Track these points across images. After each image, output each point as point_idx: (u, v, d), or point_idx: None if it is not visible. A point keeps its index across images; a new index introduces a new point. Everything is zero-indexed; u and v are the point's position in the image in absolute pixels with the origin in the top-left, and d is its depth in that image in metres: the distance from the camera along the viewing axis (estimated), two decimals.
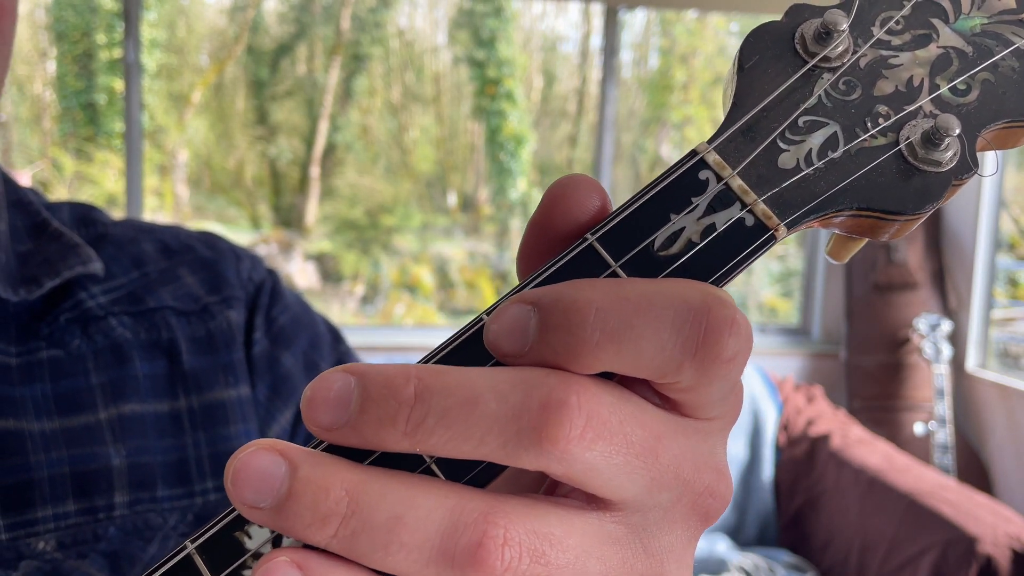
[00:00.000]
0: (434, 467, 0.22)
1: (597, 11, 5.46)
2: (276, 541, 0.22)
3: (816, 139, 0.24)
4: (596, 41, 5.87)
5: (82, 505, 0.46)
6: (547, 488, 0.24)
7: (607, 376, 0.22)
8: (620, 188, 5.10)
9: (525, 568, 0.20)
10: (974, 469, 2.85)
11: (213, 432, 0.51)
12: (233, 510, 0.23)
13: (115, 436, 0.47)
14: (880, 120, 0.24)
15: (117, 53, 4.80)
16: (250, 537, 0.22)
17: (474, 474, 0.22)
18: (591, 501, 0.22)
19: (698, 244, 0.23)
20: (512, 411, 0.20)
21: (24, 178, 4.76)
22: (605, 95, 3.21)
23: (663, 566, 0.23)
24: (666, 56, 5.98)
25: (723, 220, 0.23)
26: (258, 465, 0.21)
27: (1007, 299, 3.36)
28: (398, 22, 5.80)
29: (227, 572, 0.22)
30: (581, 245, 0.24)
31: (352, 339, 0.62)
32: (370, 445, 0.21)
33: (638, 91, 6.01)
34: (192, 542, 0.22)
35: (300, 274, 5.42)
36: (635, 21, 5.79)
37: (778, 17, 0.26)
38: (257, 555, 0.22)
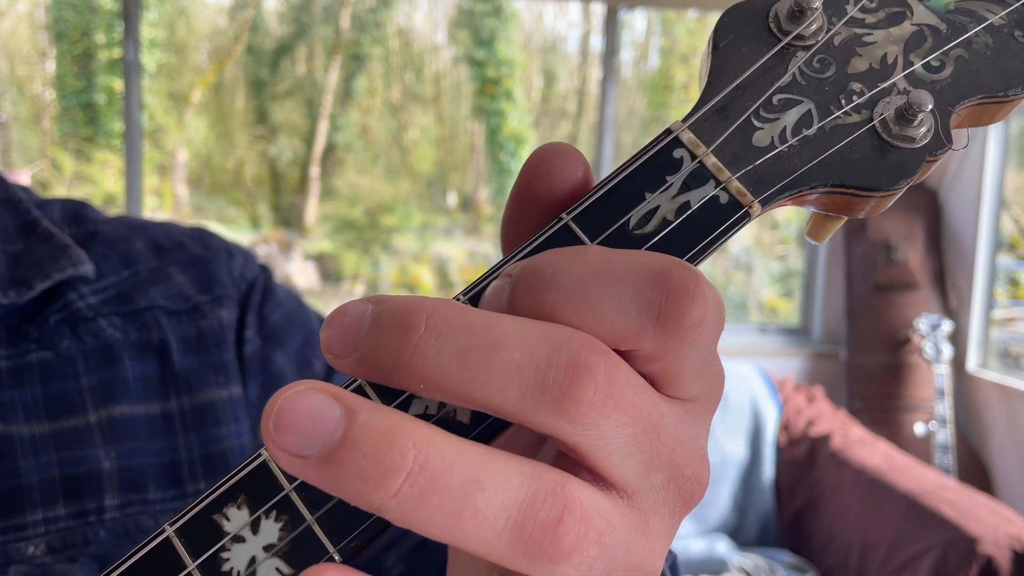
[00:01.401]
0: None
1: (597, 11, 5.47)
2: (254, 526, 0.22)
3: (790, 117, 0.24)
4: (596, 41, 5.87)
5: (72, 509, 0.45)
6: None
7: None
8: None
9: (588, 549, 0.19)
10: (975, 469, 2.85)
11: (204, 433, 0.50)
12: (212, 492, 0.22)
13: (105, 439, 0.47)
14: (854, 97, 0.24)
15: (117, 53, 4.81)
16: (228, 520, 0.22)
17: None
18: (596, 481, 0.21)
19: (673, 222, 0.23)
20: (537, 365, 0.19)
21: (23, 178, 4.77)
22: (605, 95, 3.21)
23: (655, 551, 0.22)
24: (666, 56, 5.99)
25: (697, 198, 0.23)
26: (308, 405, 0.18)
27: (1008, 299, 3.36)
28: (398, 22, 5.81)
29: (206, 555, 0.22)
30: (556, 224, 0.24)
31: None
32: (377, 377, 0.20)
33: (638, 91, 6.01)
34: (171, 525, 0.22)
35: (300, 274, 5.42)
36: (635, 21, 5.79)
37: None
38: (237, 538, 0.22)
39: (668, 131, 0.24)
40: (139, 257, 0.54)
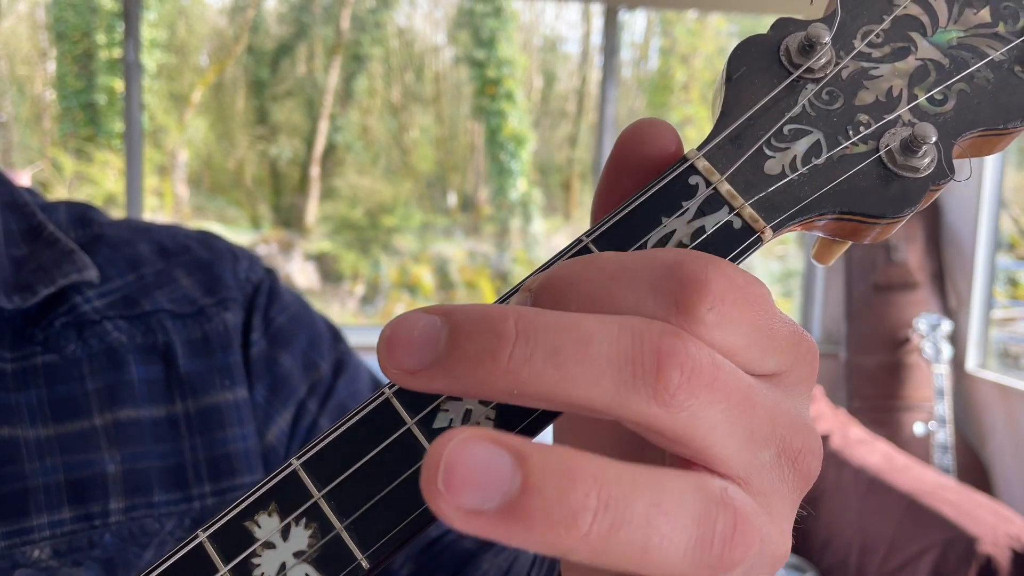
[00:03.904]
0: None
1: (597, 11, 5.47)
2: (285, 532, 0.23)
3: (800, 146, 0.25)
4: (596, 41, 5.87)
5: (77, 512, 0.45)
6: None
7: None
8: None
9: (753, 550, 0.19)
10: (974, 469, 2.86)
11: (209, 436, 0.50)
12: (243, 499, 0.23)
13: (110, 442, 0.47)
14: (861, 128, 0.25)
15: (117, 53, 4.81)
16: (259, 527, 0.23)
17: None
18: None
19: (689, 246, 0.24)
20: (627, 354, 0.19)
21: (24, 178, 4.76)
22: (605, 95, 3.21)
23: (785, 534, 0.22)
24: (666, 56, 5.99)
25: (712, 223, 0.24)
26: (477, 456, 0.17)
27: (1007, 299, 3.36)
28: (398, 22, 5.81)
29: (238, 560, 0.23)
30: (576, 246, 0.25)
31: (352, 339, 0.62)
32: (460, 387, 0.20)
33: (638, 91, 6.01)
34: (204, 531, 0.23)
35: (300, 274, 5.42)
36: (635, 21, 5.80)
37: (778, 16, 0.27)
38: (267, 544, 0.23)
39: (684, 159, 0.25)
40: (144, 260, 0.54)
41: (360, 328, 4.04)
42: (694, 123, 5.69)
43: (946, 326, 2.87)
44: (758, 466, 0.21)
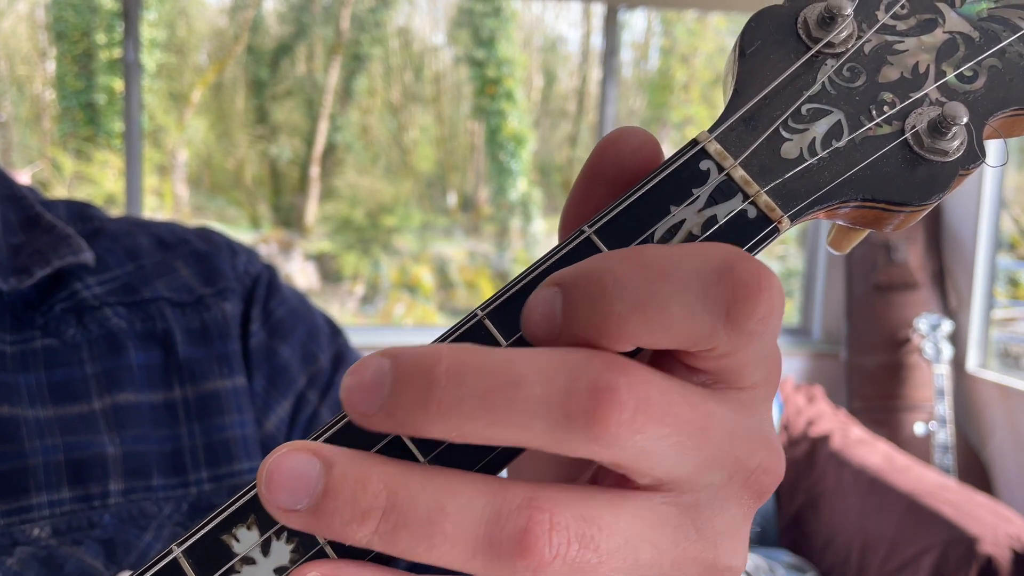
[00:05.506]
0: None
1: (597, 11, 5.46)
2: (265, 547, 0.22)
3: (820, 128, 0.23)
4: (596, 41, 5.87)
5: (77, 492, 0.46)
6: (595, 474, 0.23)
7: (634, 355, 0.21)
8: None
9: (575, 554, 0.20)
10: (974, 469, 2.85)
11: (208, 422, 0.51)
12: (220, 512, 0.22)
13: (110, 425, 0.48)
14: (885, 108, 0.23)
15: (117, 53, 4.80)
16: (238, 541, 0.22)
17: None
18: (642, 484, 0.21)
19: (699, 237, 0.23)
20: (559, 394, 0.19)
21: (24, 178, 4.75)
22: (605, 95, 3.21)
23: (716, 548, 0.22)
24: (666, 56, 5.99)
25: (724, 212, 0.23)
26: (291, 465, 0.20)
27: (1007, 299, 3.36)
28: (398, 22, 5.80)
29: None
30: (578, 238, 0.23)
31: (352, 339, 0.63)
32: (405, 431, 0.20)
33: (638, 91, 6.01)
34: (179, 545, 0.22)
35: (300, 274, 5.42)
36: (635, 21, 5.79)
37: None
38: (247, 560, 0.22)
39: (695, 142, 0.23)
40: (143, 252, 0.54)
41: (360, 328, 4.03)
42: (694, 123, 5.69)
43: (946, 326, 2.87)
44: (704, 485, 0.21)
